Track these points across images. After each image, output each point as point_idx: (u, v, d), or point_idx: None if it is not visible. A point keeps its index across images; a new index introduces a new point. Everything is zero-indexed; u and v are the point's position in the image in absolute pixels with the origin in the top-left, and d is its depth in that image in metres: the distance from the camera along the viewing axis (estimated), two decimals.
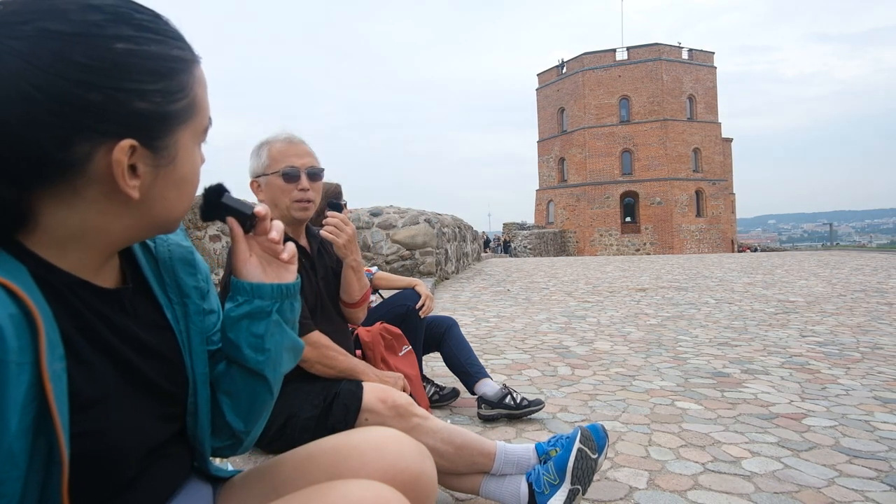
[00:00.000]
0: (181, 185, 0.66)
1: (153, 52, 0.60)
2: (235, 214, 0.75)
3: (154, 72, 0.60)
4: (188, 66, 0.64)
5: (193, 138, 0.67)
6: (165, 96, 0.61)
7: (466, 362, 2.49)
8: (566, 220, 38.62)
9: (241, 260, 0.77)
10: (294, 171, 1.69)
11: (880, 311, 5.43)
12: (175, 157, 0.64)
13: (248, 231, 0.77)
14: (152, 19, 0.62)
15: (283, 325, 0.78)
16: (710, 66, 38.99)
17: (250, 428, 0.84)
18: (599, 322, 5.10)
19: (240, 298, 0.76)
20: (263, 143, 1.73)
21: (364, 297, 1.86)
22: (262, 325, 0.76)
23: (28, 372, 0.53)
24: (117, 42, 0.57)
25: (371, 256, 8.44)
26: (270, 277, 0.78)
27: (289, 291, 0.78)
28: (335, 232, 1.74)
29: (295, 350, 0.83)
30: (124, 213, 0.63)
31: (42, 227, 0.60)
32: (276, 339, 0.78)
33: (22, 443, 0.53)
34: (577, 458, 1.47)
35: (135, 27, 0.59)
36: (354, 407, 1.53)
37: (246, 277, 0.77)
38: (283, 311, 0.78)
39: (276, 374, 0.80)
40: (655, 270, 11.03)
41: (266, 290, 0.76)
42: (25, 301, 0.54)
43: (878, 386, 2.92)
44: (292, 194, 1.70)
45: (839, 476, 1.83)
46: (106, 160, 0.58)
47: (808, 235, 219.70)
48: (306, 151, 1.73)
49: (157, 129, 0.61)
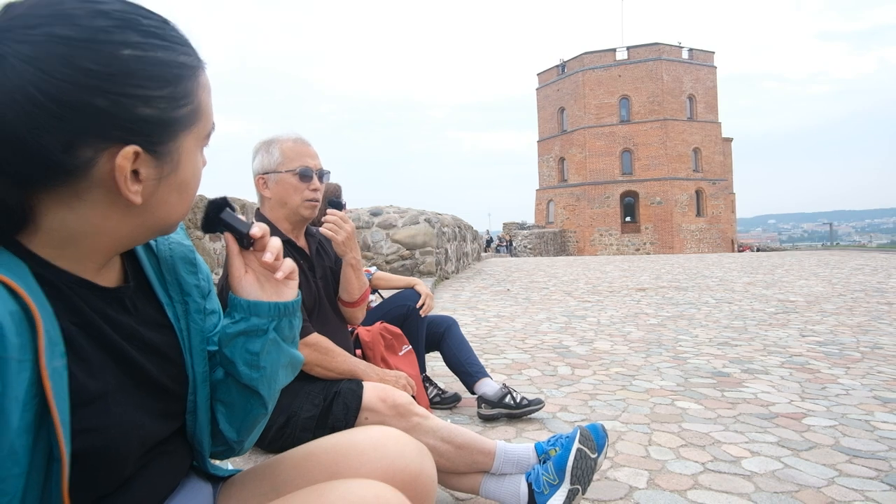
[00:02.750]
0: (182, 190, 0.66)
1: (160, 58, 0.60)
2: (232, 231, 0.75)
3: (160, 78, 0.60)
4: (193, 72, 0.64)
5: (196, 143, 0.67)
6: (170, 102, 0.61)
7: (466, 362, 2.48)
8: (566, 220, 38.61)
9: (236, 277, 0.76)
10: (309, 171, 1.72)
11: (880, 311, 5.43)
12: (178, 163, 0.64)
13: (245, 247, 0.76)
14: (160, 25, 0.62)
15: (280, 343, 0.77)
16: (710, 66, 38.98)
17: (243, 438, 0.84)
18: (599, 322, 5.10)
19: (236, 315, 0.75)
20: (272, 140, 1.74)
21: (363, 297, 1.86)
22: (258, 343, 0.75)
23: (28, 369, 0.53)
24: (124, 48, 0.57)
25: (371, 256, 8.44)
26: (268, 294, 0.76)
27: (286, 310, 0.77)
28: (334, 229, 1.76)
29: (293, 365, 0.82)
30: (125, 217, 0.63)
31: (43, 228, 0.60)
32: (272, 357, 0.77)
33: (23, 440, 0.53)
34: (577, 459, 1.47)
35: (142, 33, 0.59)
36: (355, 406, 1.53)
37: (242, 294, 0.75)
38: (281, 328, 0.77)
39: (270, 390, 0.80)
40: (655, 270, 11.03)
41: (263, 308, 0.75)
42: (25, 298, 0.54)
43: (878, 385, 2.92)
44: (304, 193, 1.72)
45: (839, 476, 1.83)
46: (109, 165, 0.58)
47: (809, 235, 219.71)
48: (315, 152, 1.78)
49: (160, 135, 0.61)
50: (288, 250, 1.74)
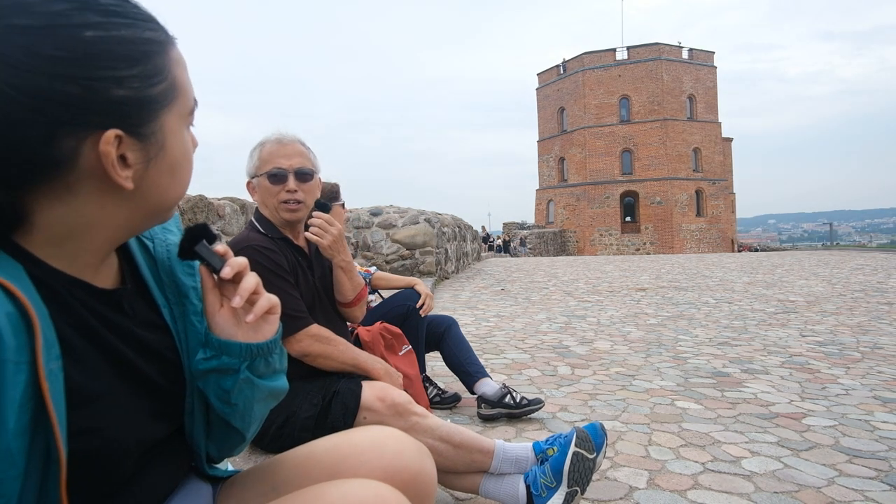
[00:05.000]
0: (174, 171, 0.65)
1: (124, 36, 0.58)
2: (206, 265, 0.71)
3: (128, 57, 0.58)
4: (162, 47, 0.63)
5: (180, 121, 0.66)
6: (143, 81, 0.60)
7: (466, 362, 2.48)
8: (566, 220, 38.62)
9: (209, 313, 0.72)
10: (280, 173, 1.67)
11: (880, 311, 5.43)
12: (164, 143, 0.63)
13: (221, 281, 0.72)
14: (119, 3, 0.60)
15: (255, 381, 0.74)
16: (710, 66, 38.99)
17: (224, 456, 0.84)
18: (599, 322, 5.10)
19: (208, 352, 0.72)
20: (258, 143, 1.73)
21: (359, 296, 1.85)
22: (230, 381, 0.72)
23: (25, 371, 0.53)
24: (86, 30, 0.56)
25: (371, 256, 8.44)
26: (244, 332, 0.72)
27: (260, 350, 0.73)
28: (319, 233, 1.70)
29: (274, 395, 0.79)
30: (121, 205, 0.62)
31: (38, 226, 0.59)
32: (244, 395, 0.74)
33: (20, 442, 0.52)
34: (573, 462, 1.46)
35: (101, 13, 0.58)
36: (353, 405, 1.53)
37: (216, 331, 0.72)
38: (255, 367, 0.73)
39: (244, 423, 0.78)
40: (655, 270, 11.03)
41: (234, 348, 0.71)
42: (22, 300, 0.54)
43: (878, 385, 2.92)
44: (279, 196, 1.69)
45: (839, 476, 1.83)
46: (94, 153, 0.57)
47: (808, 235, 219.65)
48: (297, 151, 1.70)
49: (139, 116, 0.60)
50: (286, 249, 1.73)
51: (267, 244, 1.68)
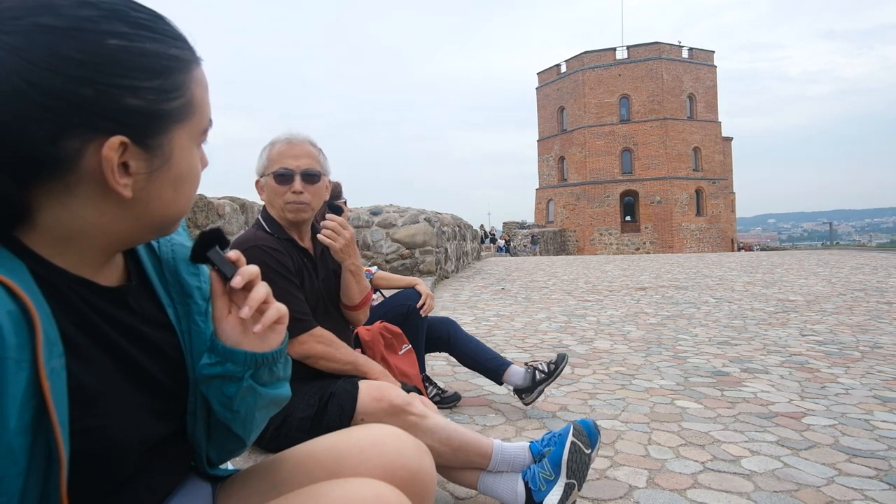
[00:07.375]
0: (178, 185, 0.65)
1: (148, 49, 0.59)
2: (217, 271, 0.71)
3: (148, 69, 0.59)
4: (186, 66, 0.63)
5: (191, 139, 0.66)
6: (160, 94, 0.60)
7: (483, 358, 2.50)
8: (566, 220, 38.60)
9: (217, 318, 0.72)
10: (287, 173, 1.67)
11: (880, 311, 5.43)
12: (170, 157, 0.63)
13: (231, 288, 0.71)
14: (151, 19, 0.61)
15: (258, 389, 0.74)
16: (710, 65, 38.96)
17: (224, 460, 0.84)
18: (599, 321, 5.10)
19: (213, 358, 0.72)
20: (269, 143, 1.73)
21: (365, 300, 1.85)
22: (233, 388, 0.72)
23: (26, 369, 0.53)
24: (110, 38, 0.57)
25: (371, 255, 8.44)
26: (250, 341, 0.72)
27: (265, 360, 0.73)
28: (332, 236, 1.71)
29: (276, 403, 0.79)
30: (120, 214, 0.62)
31: (40, 224, 0.59)
32: (247, 402, 0.74)
33: (21, 440, 0.52)
34: (572, 452, 1.48)
35: (130, 24, 0.59)
36: (349, 406, 1.53)
37: (222, 338, 0.71)
38: (259, 376, 0.73)
39: (245, 429, 0.79)
40: (655, 269, 11.03)
41: (239, 356, 0.71)
42: (23, 298, 0.54)
43: (877, 385, 2.92)
44: (285, 196, 1.68)
45: (839, 475, 1.83)
46: (97, 157, 0.57)
47: (808, 234, 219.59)
48: (305, 152, 1.69)
49: (149, 127, 0.60)
50: (292, 250, 1.73)
51: (274, 244, 1.68)
